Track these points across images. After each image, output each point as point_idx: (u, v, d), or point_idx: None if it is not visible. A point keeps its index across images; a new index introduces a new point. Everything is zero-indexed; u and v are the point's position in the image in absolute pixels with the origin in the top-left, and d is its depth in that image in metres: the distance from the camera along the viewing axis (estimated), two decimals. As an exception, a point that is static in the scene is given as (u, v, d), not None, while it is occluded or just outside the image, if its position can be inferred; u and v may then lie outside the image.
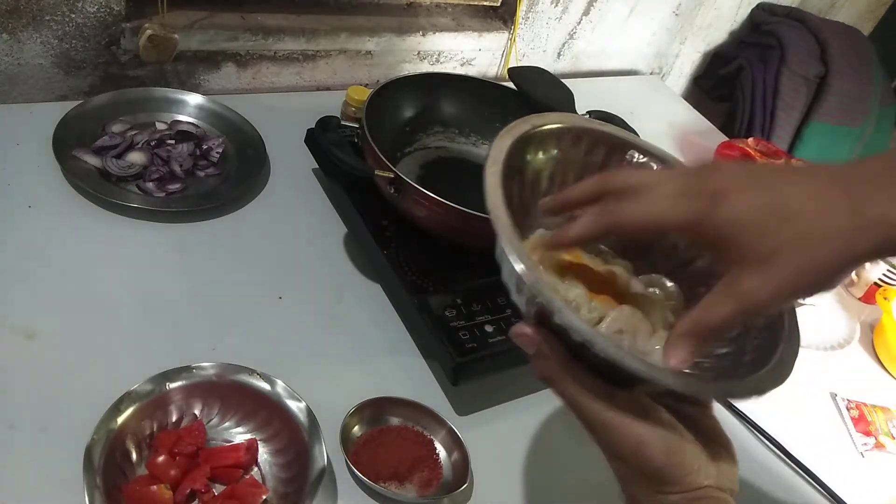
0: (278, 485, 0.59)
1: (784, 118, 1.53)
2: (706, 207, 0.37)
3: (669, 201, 0.39)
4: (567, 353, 0.40)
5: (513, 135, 0.48)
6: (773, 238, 0.36)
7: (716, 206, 0.37)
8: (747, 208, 0.36)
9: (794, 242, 0.35)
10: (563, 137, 0.51)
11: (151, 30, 0.90)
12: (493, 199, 0.43)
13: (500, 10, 1.29)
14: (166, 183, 0.84)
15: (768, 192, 0.37)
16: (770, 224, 0.36)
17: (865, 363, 1.01)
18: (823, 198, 0.36)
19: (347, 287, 0.81)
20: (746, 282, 0.36)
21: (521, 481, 0.69)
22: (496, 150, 0.47)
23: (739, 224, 0.36)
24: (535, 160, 0.50)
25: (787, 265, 0.36)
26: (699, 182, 0.39)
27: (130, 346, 0.67)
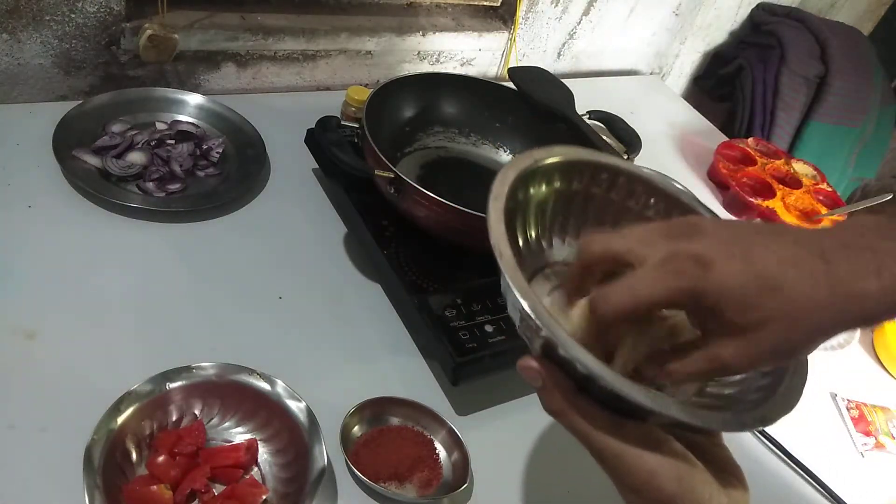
0: (278, 485, 0.59)
1: (784, 118, 1.53)
2: (694, 278, 0.37)
3: (655, 275, 0.38)
4: (574, 385, 0.40)
5: (516, 168, 0.48)
6: (757, 311, 0.36)
7: (704, 277, 0.37)
8: (733, 279, 0.36)
9: (776, 316, 0.36)
10: (567, 171, 0.52)
11: (151, 30, 0.90)
12: (496, 234, 0.43)
13: (500, 10, 1.29)
14: (166, 183, 0.84)
15: (752, 262, 0.37)
16: (755, 297, 0.36)
17: (865, 363, 1.01)
18: (804, 267, 0.36)
19: (347, 287, 0.81)
20: (724, 350, 0.38)
21: (521, 481, 0.69)
22: (499, 183, 0.47)
23: (725, 295, 0.36)
24: (538, 193, 0.51)
25: (767, 338, 0.36)
26: (680, 247, 0.38)
27: (130, 346, 0.67)
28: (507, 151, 0.99)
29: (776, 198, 1.20)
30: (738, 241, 0.38)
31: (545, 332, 0.38)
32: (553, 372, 0.41)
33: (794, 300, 0.36)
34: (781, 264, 0.36)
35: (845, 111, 1.54)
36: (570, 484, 0.70)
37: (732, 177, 1.22)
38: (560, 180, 0.52)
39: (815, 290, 0.35)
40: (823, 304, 0.35)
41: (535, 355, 0.41)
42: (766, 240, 0.38)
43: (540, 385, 0.41)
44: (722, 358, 0.38)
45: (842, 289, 0.35)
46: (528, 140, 0.99)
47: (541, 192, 0.51)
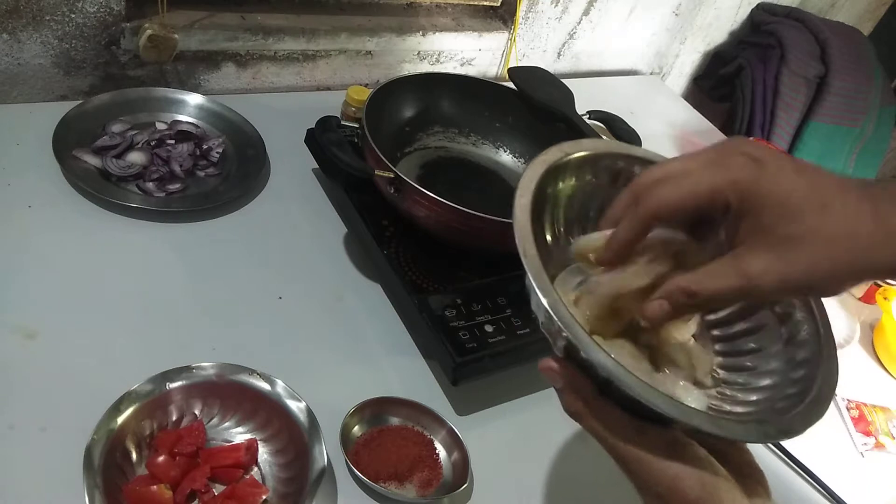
0: (278, 485, 0.59)
1: (784, 118, 1.53)
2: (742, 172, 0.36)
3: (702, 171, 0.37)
4: (595, 387, 0.40)
5: (545, 162, 0.47)
6: (799, 223, 0.34)
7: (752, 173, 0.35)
8: (783, 183, 0.35)
9: (816, 235, 0.34)
10: (595, 164, 0.51)
11: (151, 30, 0.90)
12: (521, 231, 0.42)
13: (500, 10, 1.29)
14: (166, 183, 0.84)
15: (804, 176, 0.35)
16: (800, 207, 0.34)
17: (865, 363, 1.01)
18: (851, 196, 0.35)
19: (347, 287, 0.81)
20: (756, 262, 0.36)
21: (521, 481, 0.69)
22: (526, 178, 0.46)
23: (771, 197, 0.35)
24: (565, 188, 0.50)
25: (804, 256, 0.35)
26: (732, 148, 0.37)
27: (130, 346, 0.67)
28: (507, 151, 0.99)
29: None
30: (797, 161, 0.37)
31: (566, 333, 0.37)
32: (574, 374, 0.40)
33: (837, 223, 0.34)
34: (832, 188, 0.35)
35: (845, 111, 1.54)
36: (570, 484, 0.70)
37: (732, 177, 1.22)
38: (590, 173, 0.51)
39: (861, 219, 0.34)
40: (866, 234, 0.34)
41: (557, 356, 0.41)
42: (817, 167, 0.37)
43: (560, 386, 0.41)
44: (751, 272, 0.36)
45: (885, 226, 0.34)
46: (528, 140, 0.99)
47: (570, 185, 0.50)
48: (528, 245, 0.41)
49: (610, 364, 0.36)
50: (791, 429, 0.39)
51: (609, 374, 0.36)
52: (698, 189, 0.36)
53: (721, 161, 0.37)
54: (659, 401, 0.36)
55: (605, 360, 0.36)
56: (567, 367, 0.40)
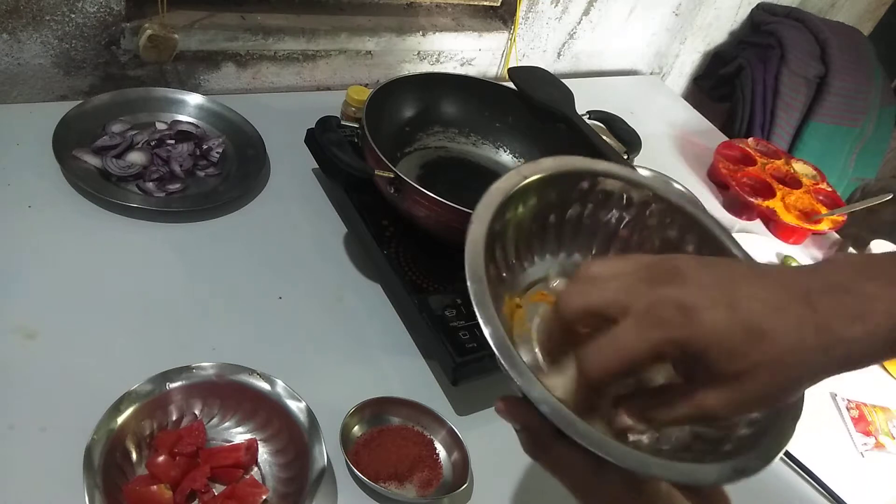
0: (278, 485, 0.59)
1: (784, 118, 1.53)
2: (680, 327, 0.35)
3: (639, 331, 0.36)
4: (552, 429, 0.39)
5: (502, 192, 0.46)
6: (744, 359, 0.35)
7: (686, 325, 0.35)
8: (718, 327, 0.35)
9: (763, 364, 0.35)
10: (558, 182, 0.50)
11: (151, 30, 0.90)
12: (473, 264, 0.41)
13: (500, 10, 1.29)
14: (166, 183, 0.84)
15: (736, 309, 0.35)
16: (741, 345, 0.35)
17: (865, 363, 1.01)
18: (790, 312, 0.35)
19: (347, 287, 0.81)
20: (710, 398, 0.36)
21: (521, 481, 0.69)
22: (482, 208, 0.45)
23: (711, 344, 0.35)
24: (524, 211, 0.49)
25: (754, 385, 0.35)
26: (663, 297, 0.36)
27: (130, 346, 0.67)
28: (507, 151, 0.99)
29: (776, 198, 1.20)
30: (721, 286, 0.36)
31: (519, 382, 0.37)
32: (531, 416, 0.39)
33: (780, 347, 0.35)
34: (767, 310, 0.35)
35: (845, 111, 1.54)
36: (570, 484, 0.70)
37: (732, 177, 1.22)
38: (554, 192, 0.50)
39: (802, 337, 0.35)
40: (810, 350, 0.35)
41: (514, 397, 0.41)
42: (749, 284, 0.36)
43: (517, 428, 0.41)
44: (707, 406, 0.37)
45: (828, 335, 0.34)
46: (528, 140, 0.99)
47: (532, 207, 0.49)
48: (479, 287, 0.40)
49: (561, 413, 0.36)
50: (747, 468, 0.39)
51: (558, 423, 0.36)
52: (638, 354, 0.36)
53: (652, 315, 0.36)
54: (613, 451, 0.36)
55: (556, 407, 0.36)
56: (522, 408, 0.40)
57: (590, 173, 0.51)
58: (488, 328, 0.39)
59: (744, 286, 0.36)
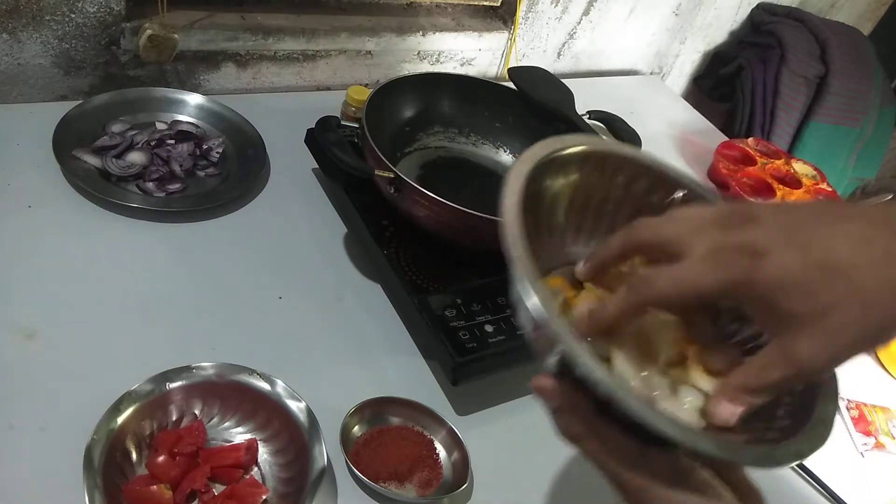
0: (278, 485, 0.59)
1: (784, 118, 1.53)
2: (746, 269, 0.34)
3: (704, 265, 0.35)
4: (593, 407, 0.37)
5: (532, 160, 0.44)
6: (826, 297, 0.33)
7: (757, 268, 0.33)
8: (792, 268, 0.33)
9: (848, 300, 0.32)
10: (586, 162, 0.48)
11: (151, 30, 0.90)
12: (512, 235, 0.38)
13: (500, 10, 1.29)
14: (166, 183, 0.84)
15: (813, 247, 0.33)
16: (820, 282, 0.33)
17: (865, 363, 1.01)
18: (874, 243, 0.33)
19: (347, 287, 0.81)
20: (801, 347, 0.34)
21: (521, 481, 0.69)
22: (514, 178, 0.42)
23: (786, 286, 0.33)
24: (554, 186, 0.47)
25: (844, 326, 0.33)
26: (733, 237, 0.35)
27: (130, 346, 0.67)
28: (507, 151, 0.99)
29: (776, 198, 1.20)
30: (800, 227, 0.34)
31: (564, 347, 0.34)
32: (571, 393, 0.37)
33: (865, 278, 0.32)
34: (849, 246, 0.33)
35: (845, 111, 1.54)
36: (571, 484, 0.70)
37: (732, 177, 1.22)
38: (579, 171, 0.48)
39: (889, 267, 0.32)
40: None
41: (550, 372, 0.38)
42: (831, 223, 0.34)
43: (556, 406, 0.38)
44: (800, 357, 0.34)
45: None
46: (528, 140, 0.98)
47: (558, 184, 0.47)
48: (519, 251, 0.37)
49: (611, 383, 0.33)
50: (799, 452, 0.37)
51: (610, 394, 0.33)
52: (701, 287, 0.35)
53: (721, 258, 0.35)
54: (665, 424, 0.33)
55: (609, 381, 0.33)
56: (563, 384, 0.38)
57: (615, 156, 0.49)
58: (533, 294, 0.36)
59: (824, 226, 0.34)
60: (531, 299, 0.36)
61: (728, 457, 0.35)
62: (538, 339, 0.37)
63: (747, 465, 0.39)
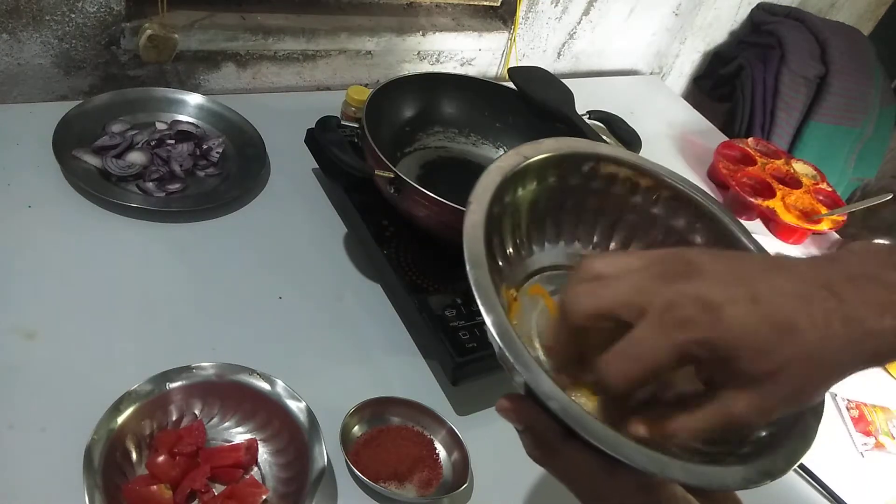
0: (278, 485, 0.59)
1: (784, 118, 1.53)
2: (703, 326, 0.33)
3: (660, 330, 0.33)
4: (560, 430, 0.37)
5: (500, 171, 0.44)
6: (775, 357, 0.33)
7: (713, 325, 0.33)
8: (745, 324, 0.33)
9: (793, 361, 0.33)
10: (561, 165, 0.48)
11: (151, 30, 0.90)
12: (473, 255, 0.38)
13: (500, 10, 1.29)
14: (166, 183, 0.84)
15: (761, 302, 0.33)
16: (771, 342, 0.33)
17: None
18: (815, 305, 0.33)
19: (347, 287, 0.81)
20: (737, 403, 0.34)
21: (521, 481, 0.69)
22: (481, 189, 0.42)
23: (743, 345, 0.33)
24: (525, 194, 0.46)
25: (783, 386, 0.33)
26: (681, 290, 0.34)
27: (130, 346, 0.67)
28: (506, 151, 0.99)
29: (776, 198, 1.20)
30: (740, 280, 0.34)
31: (525, 376, 0.34)
32: (535, 414, 0.37)
33: (809, 342, 0.32)
34: (791, 303, 0.33)
35: (845, 111, 1.54)
36: (570, 484, 0.70)
37: (732, 177, 1.22)
38: (554, 175, 0.47)
39: (830, 329, 0.32)
40: (840, 343, 0.32)
41: (517, 394, 0.38)
42: (768, 276, 0.34)
43: (521, 428, 0.38)
44: (734, 412, 0.34)
45: (857, 326, 0.32)
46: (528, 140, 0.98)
47: (532, 191, 0.47)
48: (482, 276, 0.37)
49: (573, 410, 0.33)
50: (774, 469, 0.37)
51: (573, 424, 0.33)
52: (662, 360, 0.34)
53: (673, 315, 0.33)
54: (631, 453, 0.33)
55: (570, 407, 0.33)
56: (527, 406, 0.37)
57: (593, 157, 0.48)
58: (490, 316, 0.36)
59: (762, 279, 0.34)
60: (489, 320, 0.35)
61: (694, 482, 0.35)
62: (502, 359, 0.36)
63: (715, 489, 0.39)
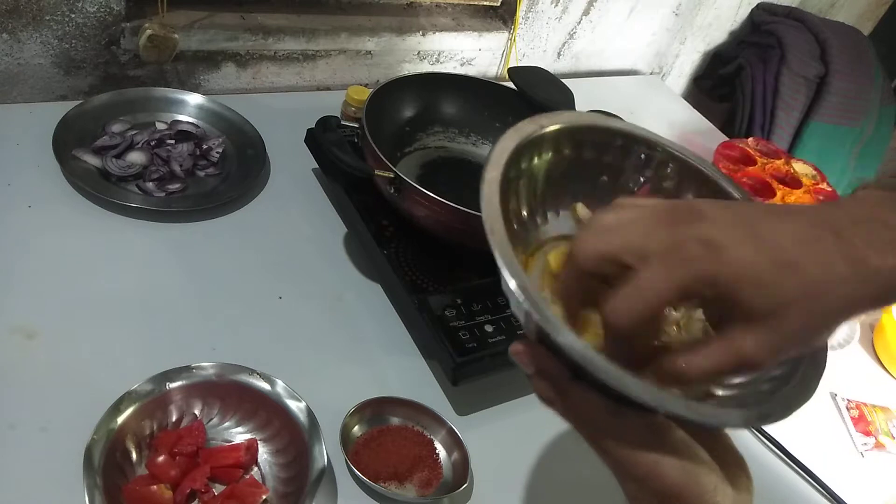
0: (278, 485, 0.59)
1: (784, 118, 1.53)
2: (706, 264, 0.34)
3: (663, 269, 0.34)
4: (568, 372, 0.38)
5: (518, 136, 0.45)
6: (782, 294, 0.33)
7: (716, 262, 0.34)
8: (751, 262, 0.33)
9: (797, 298, 0.33)
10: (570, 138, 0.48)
11: (151, 30, 0.90)
12: (490, 209, 0.39)
13: (500, 10, 1.29)
14: (166, 183, 0.84)
15: (766, 242, 0.34)
16: (773, 279, 0.33)
17: (865, 363, 1.01)
18: (819, 244, 0.33)
19: (347, 287, 0.81)
20: (747, 341, 0.34)
21: (521, 481, 0.69)
22: (498, 152, 0.43)
23: (745, 281, 0.33)
24: (542, 162, 0.48)
25: (789, 322, 0.34)
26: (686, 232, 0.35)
27: (130, 346, 0.67)
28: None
29: (776, 198, 1.20)
30: (745, 224, 0.35)
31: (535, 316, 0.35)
32: (545, 357, 0.38)
33: (813, 279, 0.33)
34: (794, 243, 0.34)
35: (845, 111, 1.54)
36: (571, 484, 0.70)
37: (732, 177, 1.22)
38: (569, 147, 0.48)
39: (834, 267, 0.33)
40: (844, 281, 0.33)
41: (529, 339, 0.39)
42: (772, 221, 0.35)
43: (531, 371, 0.39)
44: (743, 350, 0.34)
45: (862, 265, 0.33)
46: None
47: (546, 160, 0.47)
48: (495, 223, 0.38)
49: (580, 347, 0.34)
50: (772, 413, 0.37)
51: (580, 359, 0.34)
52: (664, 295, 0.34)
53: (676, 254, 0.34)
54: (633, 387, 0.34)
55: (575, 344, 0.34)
56: (538, 350, 0.39)
57: (608, 132, 0.49)
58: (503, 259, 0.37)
59: (766, 223, 0.35)
60: (506, 271, 0.37)
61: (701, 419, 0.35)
62: (516, 308, 0.38)
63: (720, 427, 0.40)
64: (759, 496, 0.41)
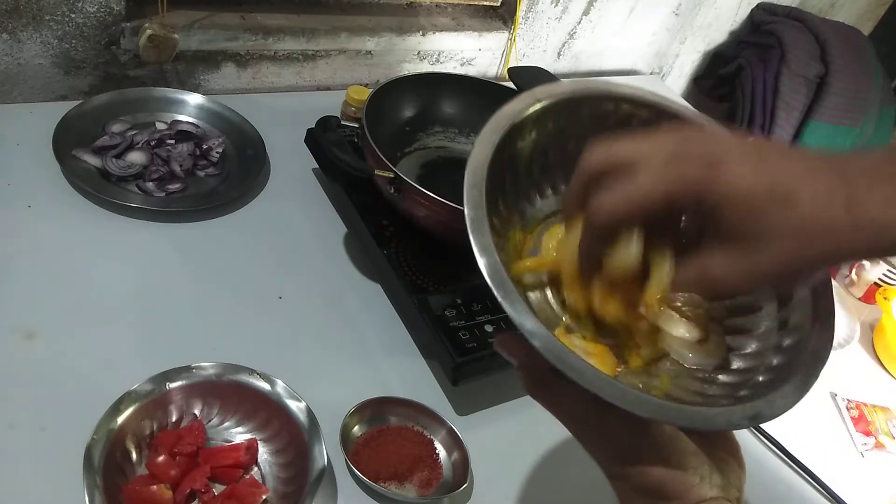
0: (278, 485, 0.59)
1: (784, 118, 1.53)
2: (699, 174, 0.33)
3: (658, 174, 0.34)
4: (550, 366, 0.37)
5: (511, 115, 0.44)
6: (765, 220, 0.32)
7: (711, 175, 0.33)
8: (742, 181, 0.33)
9: (784, 231, 0.32)
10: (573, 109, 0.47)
11: (151, 30, 0.90)
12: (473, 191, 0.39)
13: (500, 10, 1.29)
14: (166, 183, 0.84)
15: (765, 167, 0.33)
16: (764, 204, 0.32)
17: (865, 363, 1.01)
18: (820, 182, 0.32)
19: (347, 287, 0.81)
20: (719, 262, 0.34)
21: (521, 481, 0.69)
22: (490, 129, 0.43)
23: (734, 200, 0.33)
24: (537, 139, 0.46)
25: (771, 255, 0.33)
26: (691, 146, 0.35)
27: (130, 346, 0.67)
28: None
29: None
30: (755, 149, 0.34)
31: (511, 313, 0.35)
32: (529, 351, 0.37)
33: (807, 215, 0.32)
34: (797, 173, 0.33)
35: (845, 111, 1.54)
36: (571, 484, 0.70)
37: (732, 177, 1.22)
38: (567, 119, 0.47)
39: (832, 209, 0.32)
40: (839, 225, 0.32)
41: (515, 332, 0.38)
42: (782, 153, 0.34)
43: (518, 364, 0.40)
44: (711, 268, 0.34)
45: (860, 211, 0.31)
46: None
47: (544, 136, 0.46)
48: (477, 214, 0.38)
49: (555, 347, 0.34)
50: (760, 413, 0.36)
51: (551, 358, 0.34)
52: (649, 197, 0.34)
53: (675, 162, 0.34)
54: (611, 390, 0.33)
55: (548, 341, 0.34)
56: (520, 343, 0.38)
57: (610, 97, 0.48)
58: (483, 258, 0.37)
59: (775, 153, 0.34)
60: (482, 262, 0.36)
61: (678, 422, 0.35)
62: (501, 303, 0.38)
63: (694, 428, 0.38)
64: (759, 496, 0.41)
